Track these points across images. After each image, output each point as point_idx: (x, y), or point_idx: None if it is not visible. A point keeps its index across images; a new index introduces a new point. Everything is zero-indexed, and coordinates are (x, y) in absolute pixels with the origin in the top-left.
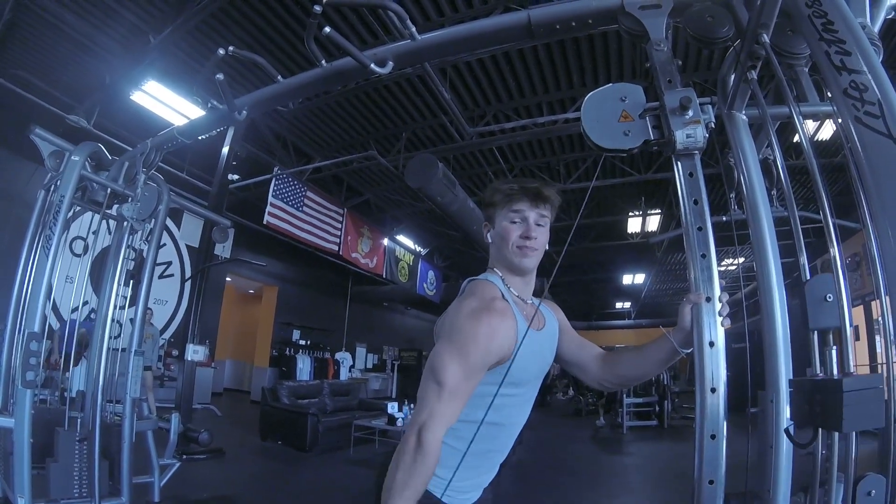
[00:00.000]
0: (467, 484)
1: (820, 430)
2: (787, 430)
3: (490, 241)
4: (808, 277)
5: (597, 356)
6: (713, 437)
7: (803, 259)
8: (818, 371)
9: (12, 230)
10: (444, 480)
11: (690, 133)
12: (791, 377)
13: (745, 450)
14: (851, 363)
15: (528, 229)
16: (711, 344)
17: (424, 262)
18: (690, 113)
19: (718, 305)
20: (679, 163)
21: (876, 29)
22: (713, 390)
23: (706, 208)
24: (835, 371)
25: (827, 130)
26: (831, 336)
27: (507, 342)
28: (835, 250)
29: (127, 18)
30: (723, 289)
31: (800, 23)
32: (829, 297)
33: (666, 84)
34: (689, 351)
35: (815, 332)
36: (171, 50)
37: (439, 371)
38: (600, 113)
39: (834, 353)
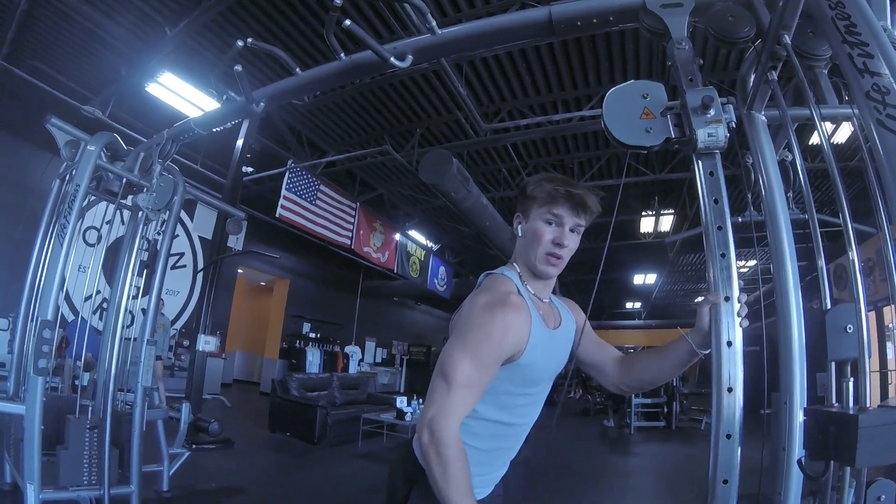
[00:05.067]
0: (479, 480)
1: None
2: (799, 461)
3: (520, 234)
4: (830, 306)
5: (615, 359)
6: (728, 436)
7: (821, 262)
8: (834, 401)
9: (27, 219)
10: None
11: (712, 132)
12: (805, 383)
13: (756, 452)
14: (868, 396)
15: (562, 236)
16: (729, 344)
17: (436, 257)
18: (712, 112)
19: (737, 305)
20: (700, 162)
21: None
22: (730, 390)
23: (726, 208)
24: (850, 403)
25: (842, 134)
26: (849, 367)
27: (521, 337)
28: (853, 254)
29: (143, 10)
30: (739, 290)
31: (823, 25)
32: (850, 328)
33: (687, 83)
34: (707, 352)
35: (833, 363)
36: (186, 42)
37: (449, 367)
38: (622, 109)
39: (851, 385)
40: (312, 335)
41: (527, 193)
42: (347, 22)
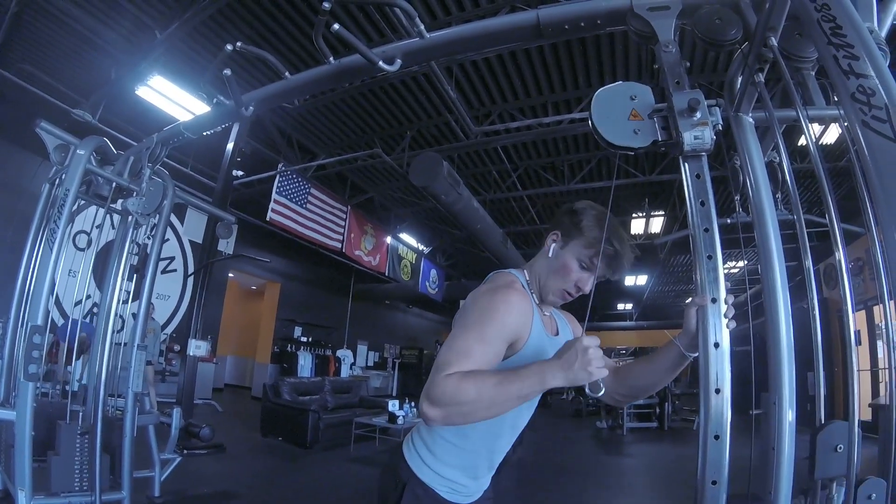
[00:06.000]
0: (470, 484)
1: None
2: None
3: (550, 254)
4: (817, 306)
5: (609, 369)
6: (717, 437)
7: (808, 262)
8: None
9: (17, 224)
10: (444, 479)
11: (698, 135)
12: (794, 383)
13: (746, 452)
14: None
15: (586, 283)
16: (716, 345)
17: (427, 260)
18: (699, 115)
19: (724, 307)
20: (686, 164)
21: (883, 34)
22: (717, 391)
23: (713, 210)
24: None
25: (831, 135)
26: (834, 484)
27: (525, 323)
28: (840, 254)
29: (133, 13)
30: (727, 291)
31: (808, 26)
32: (840, 448)
33: (674, 85)
34: (695, 355)
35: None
36: (177, 45)
37: (444, 352)
38: (610, 110)
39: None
40: (304, 339)
41: (578, 224)
42: (336, 26)
